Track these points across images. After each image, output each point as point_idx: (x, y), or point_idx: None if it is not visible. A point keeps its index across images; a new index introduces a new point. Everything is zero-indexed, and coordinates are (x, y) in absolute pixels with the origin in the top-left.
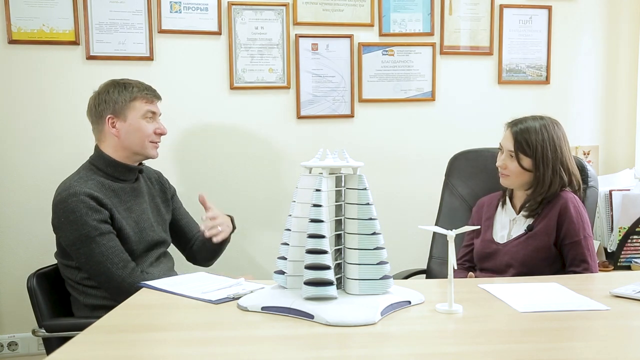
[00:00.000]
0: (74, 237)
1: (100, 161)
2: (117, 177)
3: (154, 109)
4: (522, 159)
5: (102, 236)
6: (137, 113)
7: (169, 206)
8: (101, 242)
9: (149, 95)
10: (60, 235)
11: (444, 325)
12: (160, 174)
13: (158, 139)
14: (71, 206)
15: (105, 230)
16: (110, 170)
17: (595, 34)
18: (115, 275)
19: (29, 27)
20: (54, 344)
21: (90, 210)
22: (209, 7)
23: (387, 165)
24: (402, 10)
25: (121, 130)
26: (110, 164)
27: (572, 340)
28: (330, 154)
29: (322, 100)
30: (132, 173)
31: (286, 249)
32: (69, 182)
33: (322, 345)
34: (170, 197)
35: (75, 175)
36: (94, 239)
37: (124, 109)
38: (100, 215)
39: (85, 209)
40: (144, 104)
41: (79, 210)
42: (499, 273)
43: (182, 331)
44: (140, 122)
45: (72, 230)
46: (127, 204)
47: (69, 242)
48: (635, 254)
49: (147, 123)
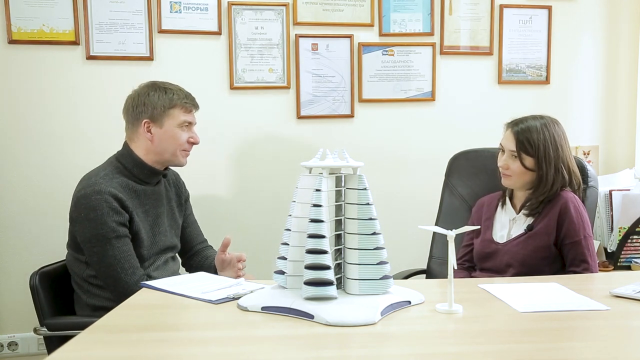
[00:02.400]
0: (91, 234)
1: (128, 160)
2: (141, 179)
3: (190, 119)
4: (525, 158)
5: (118, 239)
6: (174, 121)
7: (182, 210)
8: (116, 245)
9: (187, 105)
10: (76, 229)
11: (444, 325)
12: (177, 175)
13: (190, 148)
14: (93, 203)
15: (122, 234)
16: (137, 171)
17: (595, 34)
18: (122, 280)
19: (29, 27)
20: (55, 342)
21: (111, 211)
22: (209, 7)
23: (387, 165)
24: (402, 10)
25: (156, 136)
26: (137, 164)
27: (572, 340)
28: (330, 154)
29: (322, 100)
30: (156, 177)
31: (286, 249)
32: (94, 178)
33: (322, 345)
34: (184, 201)
35: (101, 171)
36: (109, 241)
37: (162, 115)
38: (120, 218)
39: (107, 208)
40: (182, 113)
41: (100, 209)
42: (498, 273)
43: (182, 331)
44: (176, 131)
45: (90, 227)
46: (146, 206)
47: (84, 239)
48: (635, 254)
49: (182, 132)
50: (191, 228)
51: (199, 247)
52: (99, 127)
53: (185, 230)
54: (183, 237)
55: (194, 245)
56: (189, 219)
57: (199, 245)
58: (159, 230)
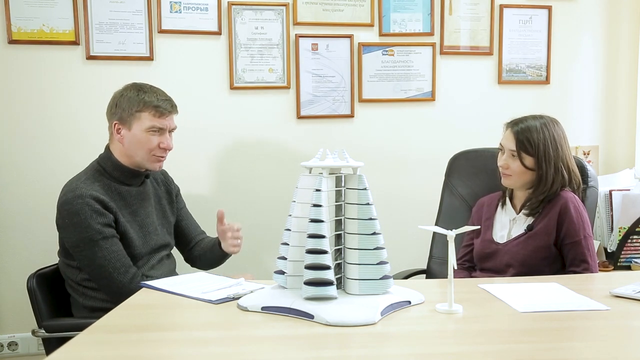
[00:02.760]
0: (77, 239)
1: (107, 163)
2: (123, 181)
3: (161, 125)
4: (525, 158)
5: (106, 240)
6: (141, 125)
7: (174, 207)
8: (104, 246)
9: (159, 109)
10: (63, 235)
11: (444, 325)
12: (165, 173)
13: (163, 154)
14: (76, 208)
15: (108, 234)
16: (117, 174)
17: (595, 34)
18: (116, 280)
19: (29, 27)
20: (53, 344)
21: (95, 214)
22: (209, 7)
23: (387, 165)
24: (402, 10)
25: (125, 138)
26: (117, 167)
27: (572, 340)
28: (330, 154)
29: (322, 100)
30: (138, 178)
31: (286, 249)
32: (75, 183)
33: (322, 345)
34: (175, 197)
35: (82, 176)
36: (97, 243)
37: (130, 117)
38: (104, 219)
39: (90, 211)
40: (150, 118)
41: (83, 213)
42: (498, 273)
43: (182, 331)
44: (143, 135)
45: (76, 232)
46: (132, 207)
47: (72, 244)
48: (635, 254)
49: (151, 136)
50: (186, 221)
51: (198, 239)
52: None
53: (181, 224)
54: (180, 231)
55: (193, 237)
56: (182, 213)
57: (199, 236)
58: (149, 229)
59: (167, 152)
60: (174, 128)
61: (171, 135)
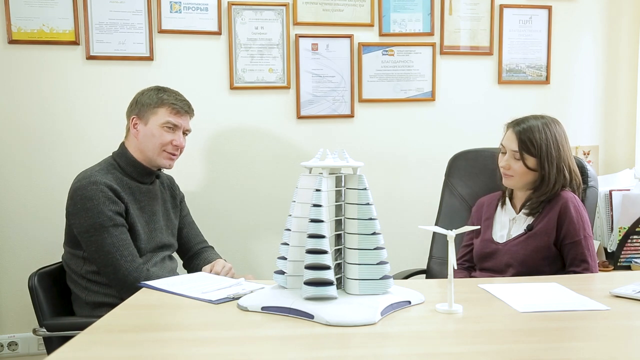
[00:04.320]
0: (88, 224)
1: (122, 158)
2: (135, 177)
3: (176, 122)
4: (527, 158)
5: (116, 227)
6: (158, 120)
7: (177, 212)
8: (114, 233)
9: (176, 107)
10: (74, 222)
11: (444, 325)
12: (172, 179)
13: (175, 151)
14: (89, 193)
15: (119, 222)
16: (130, 169)
17: (595, 34)
18: (122, 267)
19: (29, 27)
20: (54, 343)
21: (107, 200)
22: (209, 7)
23: (387, 165)
24: (402, 10)
25: (140, 132)
26: (130, 163)
27: (572, 340)
28: (330, 154)
29: (322, 100)
30: (149, 176)
31: (286, 249)
32: (89, 172)
33: (322, 345)
34: (179, 202)
35: (96, 167)
36: (107, 229)
37: (148, 112)
38: (116, 207)
39: (103, 198)
40: (167, 113)
41: (96, 199)
42: (498, 273)
43: (182, 331)
44: (158, 130)
45: (87, 217)
46: (141, 203)
47: (81, 229)
48: (635, 254)
49: (165, 132)
50: (188, 229)
51: (198, 248)
52: (99, 127)
53: (183, 231)
54: (181, 238)
55: (193, 245)
56: (185, 220)
57: (198, 245)
58: (154, 226)
59: (179, 151)
60: (189, 130)
61: (185, 137)
